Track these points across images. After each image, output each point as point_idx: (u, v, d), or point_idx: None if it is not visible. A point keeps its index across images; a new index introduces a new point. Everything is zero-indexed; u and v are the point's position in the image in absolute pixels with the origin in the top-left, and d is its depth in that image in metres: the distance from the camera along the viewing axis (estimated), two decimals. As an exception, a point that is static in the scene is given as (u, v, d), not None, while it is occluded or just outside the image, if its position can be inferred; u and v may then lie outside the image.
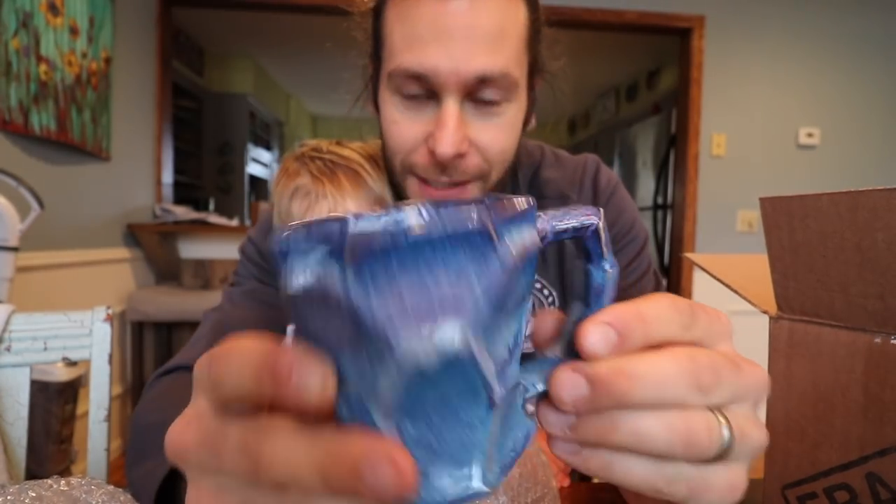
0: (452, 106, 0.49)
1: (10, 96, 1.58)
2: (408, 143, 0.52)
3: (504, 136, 0.53)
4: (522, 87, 0.53)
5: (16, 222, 1.24)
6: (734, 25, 2.70)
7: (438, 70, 0.48)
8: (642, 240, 0.65)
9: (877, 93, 2.78)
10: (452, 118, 0.49)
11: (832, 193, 0.30)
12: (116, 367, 2.14)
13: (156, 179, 2.52)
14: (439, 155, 0.49)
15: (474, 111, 0.51)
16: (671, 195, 3.06)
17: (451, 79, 0.48)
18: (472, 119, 0.51)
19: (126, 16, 2.23)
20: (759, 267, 0.38)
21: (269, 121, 4.96)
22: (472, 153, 0.51)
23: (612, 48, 3.93)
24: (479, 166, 0.52)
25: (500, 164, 0.54)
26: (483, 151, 0.52)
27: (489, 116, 0.51)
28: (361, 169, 0.57)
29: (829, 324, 0.32)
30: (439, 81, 0.48)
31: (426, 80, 0.49)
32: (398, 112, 0.52)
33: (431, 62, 0.48)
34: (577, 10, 2.62)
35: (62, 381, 1.42)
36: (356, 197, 0.55)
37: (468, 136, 0.50)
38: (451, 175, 0.52)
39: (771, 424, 0.36)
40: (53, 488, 0.34)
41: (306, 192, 0.56)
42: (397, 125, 0.53)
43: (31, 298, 1.66)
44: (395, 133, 0.53)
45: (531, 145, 0.71)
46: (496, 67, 0.48)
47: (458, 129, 0.49)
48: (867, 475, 0.31)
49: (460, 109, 0.50)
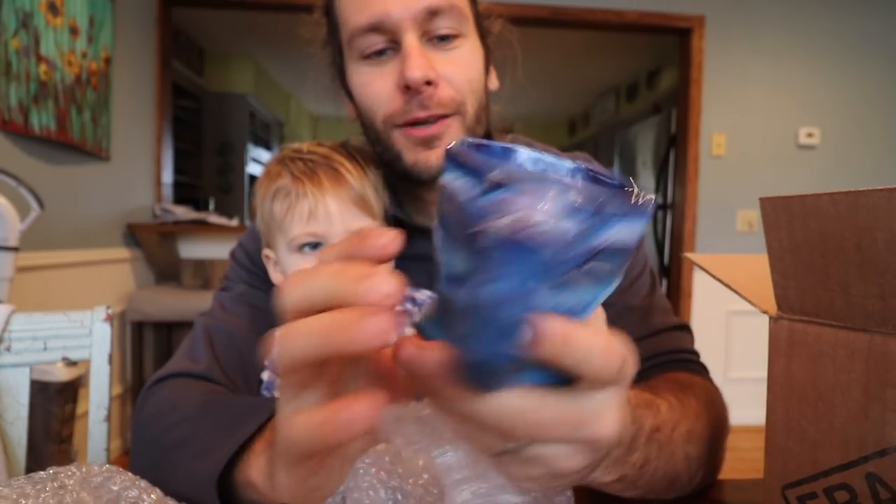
0: (412, 38, 0.53)
1: (10, 96, 1.58)
2: (383, 95, 0.55)
3: (467, 68, 0.56)
4: (472, 27, 0.57)
5: (16, 222, 1.24)
6: (734, 25, 2.70)
7: (390, 12, 0.52)
8: None
9: (877, 93, 2.78)
10: (415, 48, 0.52)
11: (832, 193, 0.30)
12: (116, 367, 2.14)
13: (156, 179, 2.52)
14: (410, 80, 0.51)
15: (434, 49, 0.54)
16: (671, 195, 3.06)
17: (404, 15, 0.52)
18: (433, 55, 0.54)
19: (126, 16, 2.23)
20: (759, 267, 0.38)
21: (269, 121, 4.96)
22: (442, 84, 0.54)
23: (612, 48, 3.93)
24: (452, 97, 0.55)
25: (471, 96, 0.56)
26: (451, 82, 0.54)
27: (448, 51, 0.55)
28: (342, 167, 0.57)
29: (829, 324, 0.32)
30: (393, 22, 0.52)
31: (382, 27, 0.52)
32: (365, 74, 0.56)
33: (381, 8, 0.52)
34: (578, 10, 2.62)
35: (62, 381, 1.42)
36: (336, 195, 0.55)
37: (434, 68, 0.53)
38: (429, 108, 0.54)
39: (771, 424, 0.36)
40: (76, 475, 0.34)
41: (286, 193, 0.56)
42: (368, 85, 0.56)
43: (31, 298, 1.66)
44: (368, 93, 0.56)
45: (520, 141, 0.71)
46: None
47: (422, 55, 0.52)
48: (867, 475, 0.31)
49: (420, 44, 0.53)
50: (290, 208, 0.55)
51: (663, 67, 4.10)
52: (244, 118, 4.36)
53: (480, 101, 0.58)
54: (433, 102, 0.54)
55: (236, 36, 3.90)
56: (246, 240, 0.66)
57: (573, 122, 6.17)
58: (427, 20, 0.53)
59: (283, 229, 0.56)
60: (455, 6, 0.54)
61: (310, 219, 0.54)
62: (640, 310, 0.60)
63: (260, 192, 0.59)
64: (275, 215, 0.56)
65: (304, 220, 0.54)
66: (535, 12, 2.58)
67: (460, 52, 0.55)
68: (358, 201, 0.56)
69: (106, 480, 0.35)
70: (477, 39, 0.58)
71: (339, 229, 0.55)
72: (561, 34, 3.17)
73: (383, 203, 0.60)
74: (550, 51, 3.93)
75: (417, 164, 0.56)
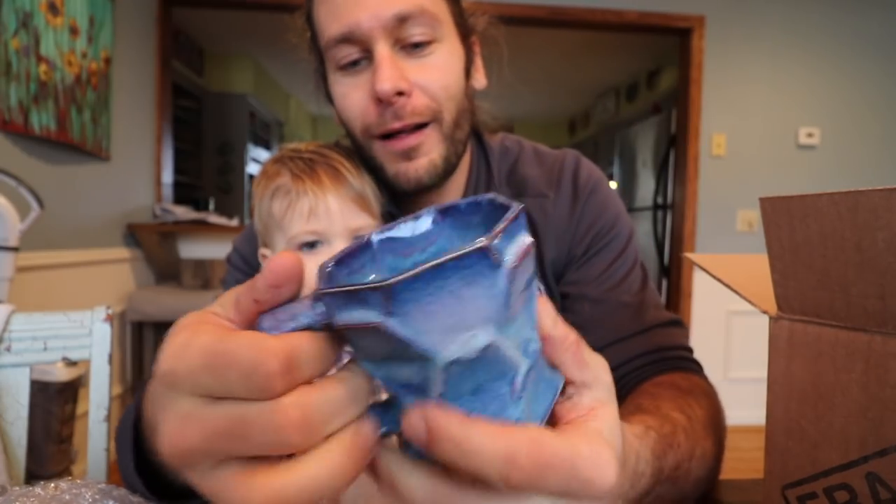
0: (383, 49, 0.52)
1: (10, 96, 1.58)
2: (359, 107, 0.55)
3: (442, 74, 0.55)
4: (448, 29, 0.56)
5: (16, 222, 1.24)
6: (734, 25, 2.70)
7: (360, 22, 0.51)
8: (626, 235, 0.64)
9: (877, 93, 2.78)
10: (385, 58, 0.52)
11: (832, 193, 0.30)
12: (116, 367, 2.14)
13: (156, 179, 2.52)
14: (380, 92, 0.51)
15: (407, 57, 0.54)
16: (671, 195, 3.06)
17: (374, 24, 0.51)
18: (406, 63, 0.54)
19: (126, 16, 2.23)
20: (759, 267, 0.38)
21: (269, 121, 4.96)
22: (416, 93, 0.54)
23: (612, 48, 3.93)
24: (427, 105, 0.54)
25: (448, 103, 0.56)
26: (425, 90, 0.54)
27: (422, 58, 0.55)
28: (341, 166, 0.57)
29: (829, 324, 0.32)
30: (363, 32, 0.52)
31: (353, 37, 0.52)
32: (343, 85, 0.56)
33: (352, 17, 0.52)
34: (578, 10, 2.62)
35: (62, 381, 1.42)
36: (337, 193, 0.55)
37: (406, 78, 0.53)
38: (403, 118, 0.54)
39: (771, 424, 0.36)
40: (41, 495, 0.34)
41: (286, 191, 0.55)
42: (345, 97, 0.56)
43: (31, 298, 1.66)
44: (346, 105, 0.56)
45: (509, 140, 0.70)
46: (411, 4, 0.52)
47: (392, 65, 0.52)
48: (867, 475, 0.31)
49: (393, 54, 0.53)
50: (291, 206, 0.55)
51: (663, 67, 4.10)
52: (244, 118, 4.36)
53: (460, 105, 0.58)
54: (407, 112, 0.53)
55: (236, 36, 3.90)
56: (241, 243, 0.66)
57: (573, 122, 6.17)
58: (397, 27, 0.52)
59: (282, 228, 0.56)
60: (426, 11, 0.53)
61: (310, 216, 0.54)
62: (632, 306, 0.60)
63: (258, 192, 0.59)
64: (274, 214, 0.56)
65: (304, 218, 0.54)
66: (533, 12, 2.58)
67: (435, 59, 0.55)
68: (357, 199, 0.56)
69: (75, 497, 0.34)
70: (456, 41, 0.57)
71: (339, 227, 0.55)
72: (560, 34, 3.17)
73: (381, 202, 0.60)
74: (550, 51, 3.93)
75: (398, 175, 0.57)
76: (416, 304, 0.18)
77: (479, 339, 0.18)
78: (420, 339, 0.18)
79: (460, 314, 0.18)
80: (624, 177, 3.99)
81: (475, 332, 0.18)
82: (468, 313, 0.18)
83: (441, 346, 0.18)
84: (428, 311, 0.18)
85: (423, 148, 0.55)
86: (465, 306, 0.18)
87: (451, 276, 0.18)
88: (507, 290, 0.19)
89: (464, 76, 0.58)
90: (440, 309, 0.18)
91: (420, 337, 0.18)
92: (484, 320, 0.18)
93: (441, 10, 0.55)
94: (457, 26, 0.58)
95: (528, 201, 0.64)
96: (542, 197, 0.64)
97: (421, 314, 0.18)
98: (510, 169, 0.67)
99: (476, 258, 0.18)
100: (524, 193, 0.65)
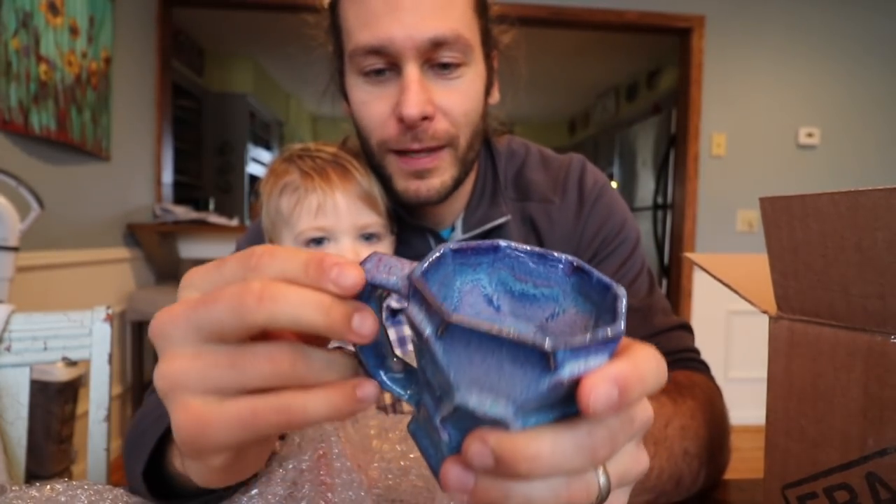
0: (413, 71, 0.52)
1: (10, 96, 1.58)
2: (378, 119, 0.55)
3: (466, 99, 0.55)
4: (478, 53, 0.56)
5: (16, 222, 1.24)
6: (734, 25, 2.70)
7: (394, 39, 0.50)
8: (633, 240, 0.64)
9: (877, 93, 2.78)
10: (414, 81, 0.51)
11: (832, 193, 0.30)
12: (116, 367, 2.14)
13: (156, 179, 2.52)
14: (406, 117, 0.51)
15: (435, 77, 0.54)
16: (671, 195, 3.06)
17: (408, 44, 0.51)
18: (433, 85, 0.53)
19: (126, 16, 2.23)
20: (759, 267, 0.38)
21: (269, 121, 4.95)
22: (438, 117, 0.54)
23: (612, 48, 3.93)
24: (446, 130, 0.55)
25: (466, 128, 0.56)
26: (448, 114, 0.54)
27: (449, 80, 0.54)
28: (350, 165, 0.57)
29: (829, 324, 0.32)
30: (396, 50, 0.51)
31: (384, 51, 0.52)
32: (364, 92, 0.55)
33: (386, 33, 0.51)
34: (578, 10, 2.62)
35: (62, 381, 1.42)
36: (345, 190, 0.55)
37: (432, 101, 0.53)
38: (422, 140, 0.54)
39: (771, 424, 0.36)
40: (37, 497, 0.34)
41: (294, 188, 0.56)
42: (366, 105, 0.55)
43: (31, 298, 1.66)
44: (365, 113, 0.56)
45: (516, 143, 0.70)
46: (448, 30, 0.51)
47: (420, 90, 0.52)
48: (867, 475, 0.31)
49: (421, 75, 0.52)
50: (299, 202, 0.55)
51: (663, 67, 4.10)
52: (244, 118, 4.35)
53: (476, 128, 0.58)
54: (427, 136, 0.54)
55: (236, 36, 3.90)
56: (244, 243, 0.67)
57: (573, 122, 6.16)
58: (431, 50, 0.52)
59: (290, 224, 0.56)
60: (461, 37, 0.52)
61: (318, 213, 0.55)
62: (640, 311, 0.60)
63: (266, 190, 0.59)
64: (282, 210, 0.56)
65: (312, 214, 0.55)
66: (534, 12, 2.58)
67: (461, 83, 0.55)
68: (365, 197, 0.56)
69: (70, 498, 0.34)
70: (482, 63, 0.57)
71: (347, 224, 0.55)
72: (561, 34, 3.17)
73: (388, 201, 0.60)
74: (550, 51, 3.93)
75: (407, 191, 0.57)
76: (464, 347, 0.19)
77: (495, 409, 0.19)
78: (450, 371, 0.19)
79: (494, 380, 0.19)
80: (624, 177, 3.99)
81: (497, 400, 0.19)
82: (501, 384, 0.19)
83: (464, 389, 0.19)
84: (470, 358, 0.19)
85: (437, 171, 0.56)
86: (501, 377, 0.19)
87: (505, 348, 0.18)
88: (544, 393, 0.19)
89: (483, 98, 0.59)
90: (480, 364, 0.19)
91: (451, 370, 0.19)
92: (509, 398, 0.19)
93: (474, 34, 0.55)
94: (483, 45, 0.58)
95: (533, 206, 0.65)
96: (548, 202, 0.64)
97: (464, 356, 0.19)
98: (516, 173, 0.67)
99: (534, 351, 0.18)
100: (529, 198, 0.65)
